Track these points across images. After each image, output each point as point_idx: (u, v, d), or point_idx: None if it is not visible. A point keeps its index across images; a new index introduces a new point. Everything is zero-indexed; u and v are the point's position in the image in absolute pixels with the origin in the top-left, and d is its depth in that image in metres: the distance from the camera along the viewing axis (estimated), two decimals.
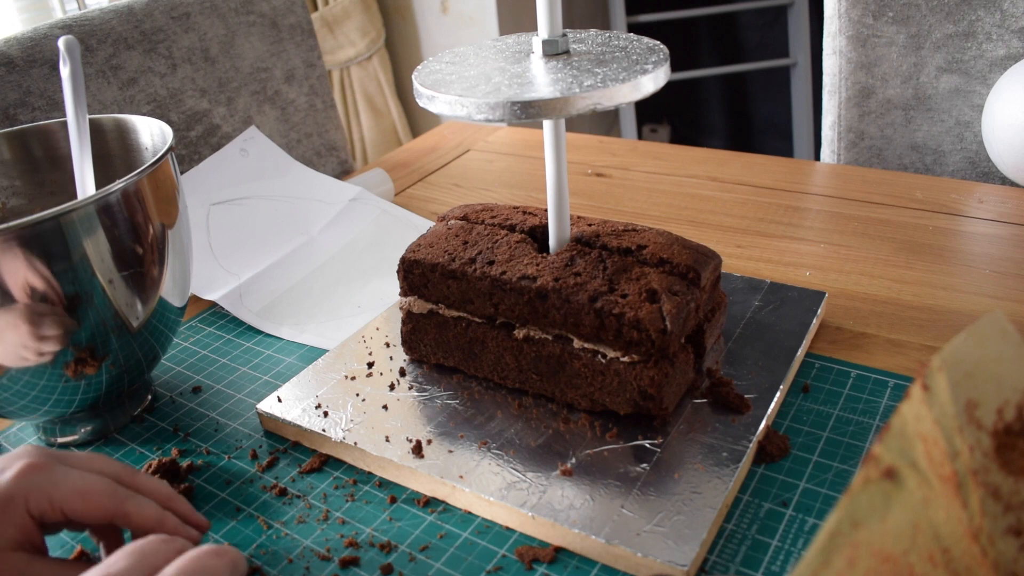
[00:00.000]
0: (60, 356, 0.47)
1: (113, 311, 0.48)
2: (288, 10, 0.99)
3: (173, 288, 0.53)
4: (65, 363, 0.47)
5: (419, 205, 0.86)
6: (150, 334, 0.51)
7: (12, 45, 0.75)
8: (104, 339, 0.48)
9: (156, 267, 0.50)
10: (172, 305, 0.53)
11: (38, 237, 0.43)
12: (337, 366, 0.56)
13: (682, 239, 0.52)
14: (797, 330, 0.55)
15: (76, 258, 0.45)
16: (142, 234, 0.49)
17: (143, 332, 0.51)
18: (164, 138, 0.54)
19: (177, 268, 0.53)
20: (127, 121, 0.57)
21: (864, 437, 0.48)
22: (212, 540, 0.45)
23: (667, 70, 0.44)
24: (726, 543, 0.42)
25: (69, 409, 0.51)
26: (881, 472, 0.26)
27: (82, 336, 0.47)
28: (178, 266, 0.53)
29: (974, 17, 0.86)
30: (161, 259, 0.51)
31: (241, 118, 0.94)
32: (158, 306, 0.51)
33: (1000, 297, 0.61)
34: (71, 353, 0.47)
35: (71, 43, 0.50)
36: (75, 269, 0.45)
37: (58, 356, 0.47)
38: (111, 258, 0.47)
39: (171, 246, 0.52)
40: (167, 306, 0.52)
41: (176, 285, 0.53)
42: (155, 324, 0.51)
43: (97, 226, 0.45)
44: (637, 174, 0.88)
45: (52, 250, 0.44)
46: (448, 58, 0.49)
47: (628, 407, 0.48)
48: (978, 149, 0.90)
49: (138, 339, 0.51)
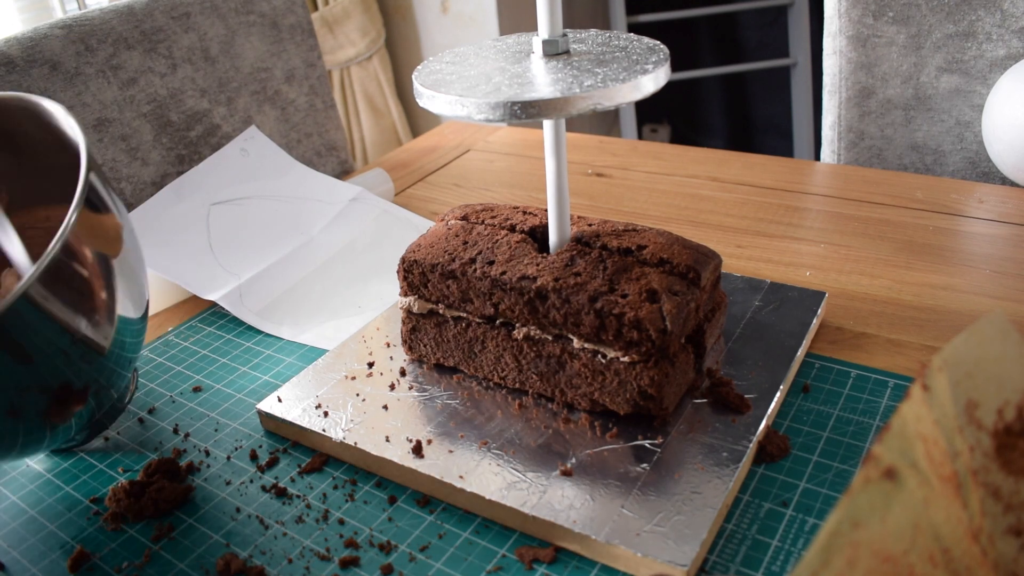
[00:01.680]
0: (31, 404, 0.44)
1: (80, 351, 0.45)
2: (288, 10, 0.99)
3: (130, 306, 0.50)
4: (41, 411, 0.45)
5: (419, 205, 0.86)
6: (120, 349, 0.49)
7: (12, 45, 0.75)
8: (77, 372, 0.46)
9: (106, 294, 0.47)
10: (131, 319, 0.50)
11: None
12: (337, 366, 0.56)
13: (682, 239, 0.52)
14: (797, 330, 0.55)
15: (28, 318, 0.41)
16: (89, 284, 0.45)
17: (113, 351, 0.48)
18: (78, 149, 0.48)
19: (131, 287, 0.50)
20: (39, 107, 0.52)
21: (864, 437, 0.48)
22: (212, 540, 0.45)
23: (667, 70, 0.44)
24: (726, 543, 0.42)
25: (71, 439, 0.50)
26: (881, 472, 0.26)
27: (50, 377, 0.44)
28: (131, 286, 0.50)
29: (974, 17, 0.86)
30: (111, 289, 0.47)
31: (241, 118, 0.94)
32: (119, 323, 0.48)
33: (1000, 297, 0.61)
34: (43, 400, 0.45)
35: None
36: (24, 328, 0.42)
37: (28, 406, 0.44)
38: (62, 317, 0.43)
39: (119, 274, 0.48)
40: (127, 321, 0.49)
41: (132, 302, 0.50)
42: (120, 339, 0.49)
43: (40, 314, 0.42)
44: (637, 174, 0.88)
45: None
46: (448, 58, 0.49)
47: (628, 407, 0.48)
48: (978, 149, 0.90)
49: (110, 359, 0.48)
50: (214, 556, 0.44)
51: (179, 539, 0.46)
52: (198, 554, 0.45)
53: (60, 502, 0.49)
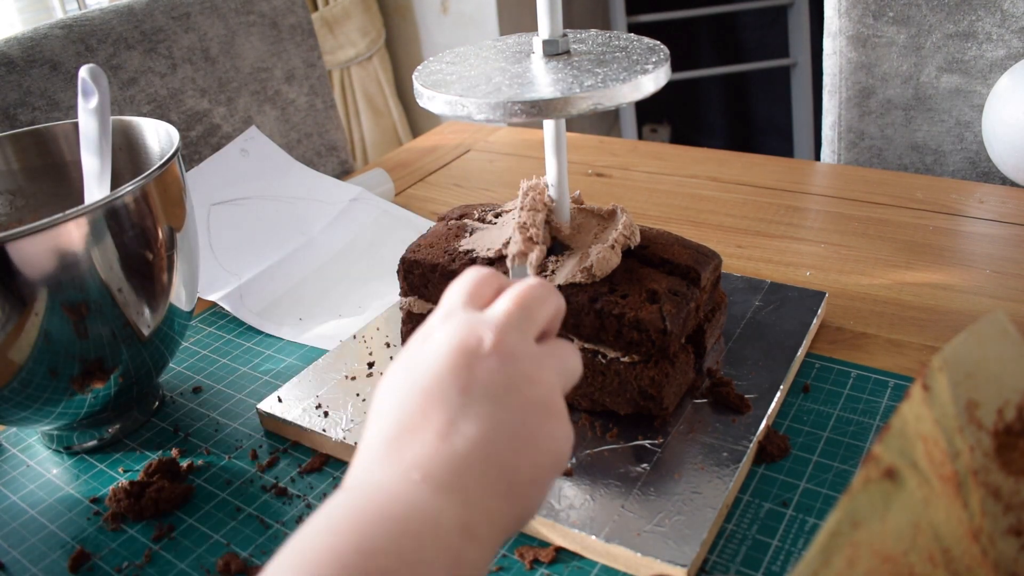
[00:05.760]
0: (66, 369, 0.46)
1: (123, 321, 0.47)
2: (288, 10, 0.99)
3: (183, 293, 0.52)
4: (72, 377, 0.46)
5: (419, 205, 0.86)
6: (160, 341, 0.51)
7: (12, 45, 0.75)
8: (114, 350, 0.47)
9: (166, 273, 0.49)
10: (181, 310, 0.52)
11: (44, 242, 0.42)
12: (337, 366, 0.56)
13: (682, 239, 0.52)
14: (797, 330, 0.55)
15: (84, 266, 0.44)
16: (151, 239, 0.48)
17: (153, 340, 0.50)
18: (171, 140, 0.53)
19: (186, 272, 0.52)
20: (132, 124, 0.56)
21: (864, 437, 0.48)
22: (212, 540, 0.45)
23: (667, 70, 0.44)
24: (726, 543, 0.42)
25: (74, 420, 0.51)
26: (881, 472, 0.26)
27: (90, 348, 0.46)
28: (187, 270, 0.52)
29: (974, 17, 0.86)
30: (171, 264, 0.50)
31: (241, 118, 0.94)
32: (168, 312, 0.50)
33: (1000, 297, 0.61)
34: (78, 366, 0.46)
35: (96, 72, 0.48)
36: (83, 277, 0.44)
37: (63, 369, 0.46)
38: (120, 266, 0.46)
39: (180, 250, 0.51)
40: (176, 311, 0.51)
41: (186, 289, 0.52)
42: (165, 331, 0.51)
43: (105, 232, 0.44)
44: (637, 174, 0.88)
45: (59, 256, 0.43)
46: (448, 58, 0.49)
47: (628, 407, 0.48)
48: (978, 149, 0.90)
49: (148, 348, 0.50)
50: (214, 556, 0.44)
51: (179, 539, 0.46)
52: (198, 554, 0.45)
53: (60, 502, 0.49)
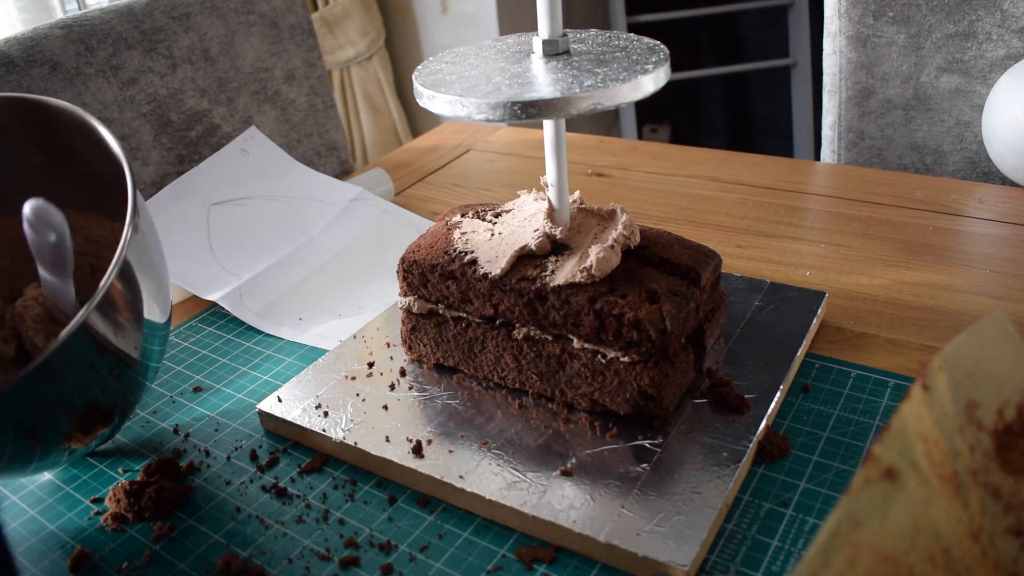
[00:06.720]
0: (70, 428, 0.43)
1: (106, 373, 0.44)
2: (288, 10, 0.99)
3: (156, 308, 0.49)
4: (73, 429, 0.44)
5: (419, 205, 0.86)
6: (147, 359, 0.49)
7: (12, 45, 0.75)
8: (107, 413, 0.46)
9: (134, 310, 0.46)
10: (157, 323, 0.49)
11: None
12: (337, 366, 0.56)
13: (682, 239, 0.52)
14: (797, 330, 0.55)
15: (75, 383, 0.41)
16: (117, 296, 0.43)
17: (141, 360, 0.48)
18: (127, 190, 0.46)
19: (153, 288, 0.48)
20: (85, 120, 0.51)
21: (864, 437, 0.48)
22: (212, 540, 0.45)
23: (667, 70, 0.44)
24: (726, 543, 0.42)
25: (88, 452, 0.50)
26: (881, 472, 0.26)
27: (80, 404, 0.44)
28: (154, 286, 0.49)
29: (974, 17, 0.86)
30: (136, 294, 0.46)
31: (241, 118, 0.94)
32: (145, 330, 0.47)
33: (1000, 297, 0.61)
34: (69, 423, 0.44)
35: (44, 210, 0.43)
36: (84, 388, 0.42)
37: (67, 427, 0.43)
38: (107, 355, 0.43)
39: (140, 273, 0.46)
40: (154, 327, 0.49)
41: (158, 304, 0.49)
42: (147, 347, 0.48)
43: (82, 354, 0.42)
44: (637, 174, 0.88)
45: None
46: (448, 58, 0.49)
47: (628, 407, 0.48)
48: (978, 149, 0.90)
49: (139, 371, 0.48)
50: (214, 556, 0.44)
51: (179, 539, 0.46)
52: (198, 554, 0.45)
53: (60, 502, 0.49)
